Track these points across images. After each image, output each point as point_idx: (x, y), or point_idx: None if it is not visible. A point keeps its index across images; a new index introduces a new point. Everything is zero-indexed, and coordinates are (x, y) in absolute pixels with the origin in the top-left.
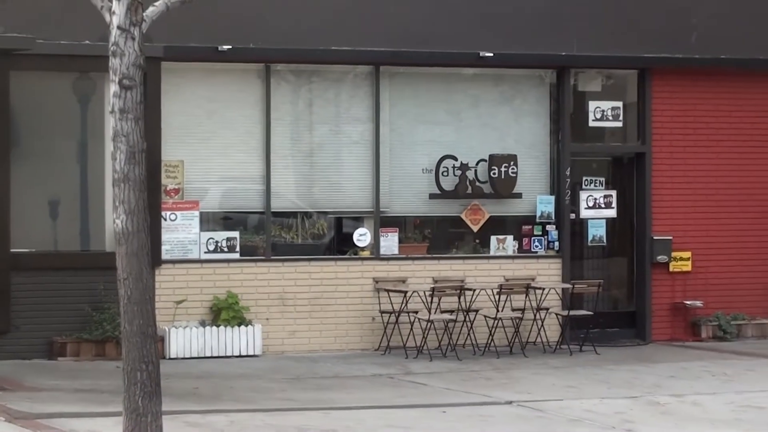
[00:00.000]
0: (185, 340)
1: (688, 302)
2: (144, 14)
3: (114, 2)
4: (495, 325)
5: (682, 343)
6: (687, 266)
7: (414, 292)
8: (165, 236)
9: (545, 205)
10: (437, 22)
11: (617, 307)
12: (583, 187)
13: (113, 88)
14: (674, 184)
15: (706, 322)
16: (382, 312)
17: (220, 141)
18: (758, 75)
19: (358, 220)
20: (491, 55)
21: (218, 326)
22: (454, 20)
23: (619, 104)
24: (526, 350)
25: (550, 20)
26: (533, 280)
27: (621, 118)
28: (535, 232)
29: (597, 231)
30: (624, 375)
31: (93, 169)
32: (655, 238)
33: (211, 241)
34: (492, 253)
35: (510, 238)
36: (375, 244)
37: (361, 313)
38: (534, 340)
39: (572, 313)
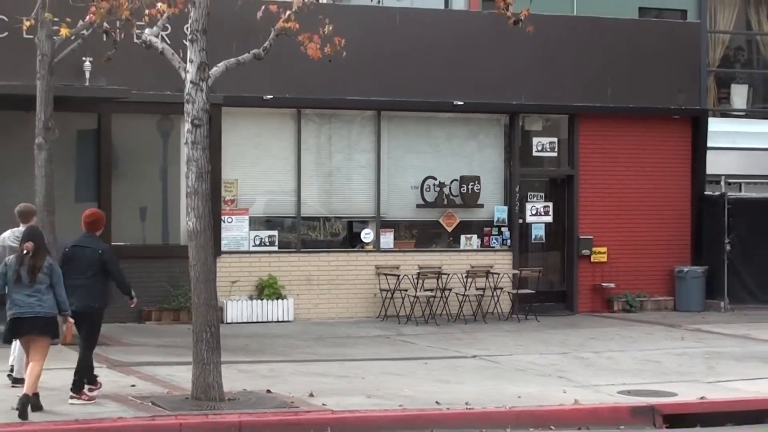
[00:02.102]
0: (238, 309)
1: (604, 284)
2: (209, 72)
3: (188, 64)
4: (463, 300)
5: (599, 314)
6: (604, 257)
7: (404, 275)
8: (224, 234)
9: (500, 212)
10: (422, 79)
11: (553, 287)
12: (528, 199)
13: (187, 126)
14: (595, 197)
15: (618, 298)
16: (381, 290)
17: (264, 165)
18: (654, 119)
19: (364, 222)
20: (462, 103)
21: (262, 299)
22: (435, 78)
23: (555, 139)
24: (486, 318)
25: (504, 78)
26: (491, 267)
27: (556, 149)
28: (493, 233)
29: (538, 232)
30: (557, 337)
31: (171, 185)
32: (580, 237)
33: (257, 237)
34: (461, 247)
35: (475, 236)
36: (376, 241)
37: (366, 291)
38: (492, 311)
39: (520, 291)
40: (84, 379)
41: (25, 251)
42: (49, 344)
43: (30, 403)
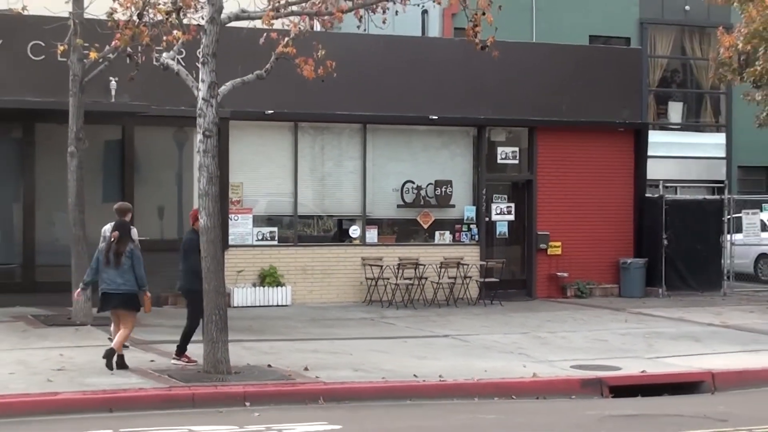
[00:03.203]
0: (243, 295)
1: (558, 273)
2: (218, 90)
3: (200, 83)
4: (437, 287)
5: (555, 299)
6: (558, 251)
7: (387, 266)
8: (231, 230)
9: (470, 212)
10: (402, 97)
11: (514, 276)
12: (493, 201)
13: (199, 137)
14: (551, 199)
15: (570, 286)
16: (366, 278)
17: (265, 170)
18: (602, 131)
19: (352, 220)
20: (436, 117)
21: (264, 287)
22: (413, 96)
23: (517, 149)
24: (457, 303)
25: (473, 96)
26: (462, 259)
27: (517, 157)
28: (463, 229)
29: (502, 228)
30: (518, 319)
31: (185, 188)
32: (538, 233)
33: (259, 233)
34: (436, 242)
35: (447, 232)
36: (362, 236)
37: (354, 279)
38: (462, 297)
39: (486, 279)
40: (185, 345)
41: (112, 239)
42: (134, 315)
43: (113, 357)
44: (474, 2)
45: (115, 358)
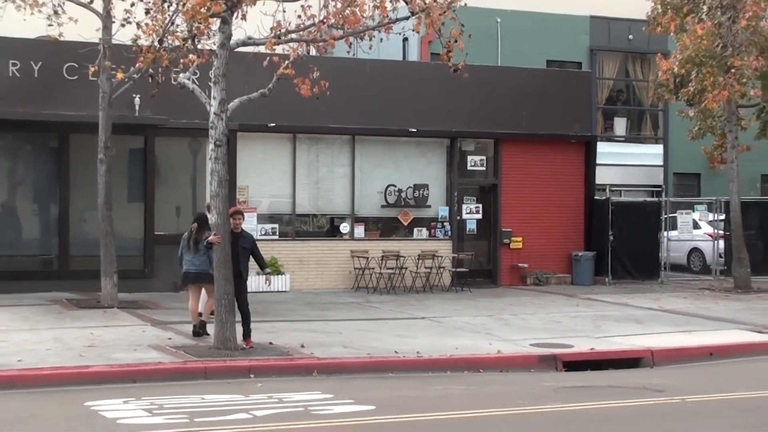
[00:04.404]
0: (248, 281)
1: (519, 264)
2: (228, 106)
3: (212, 100)
4: (415, 276)
5: (516, 287)
6: (520, 245)
7: (372, 257)
8: None
9: (443, 211)
10: (386, 112)
11: (482, 266)
12: (464, 202)
13: (211, 146)
14: (514, 200)
15: (530, 275)
16: (354, 268)
17: (268, 175)
18: (557, 142)
19: (342, 218)
20: (415, 130)
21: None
22: (395, 112)
23: (484, 157)
24: (432, 290)
25: (447, 112)
26: (436, 252)
27: (484, 165)
28: (438, 226)
29: (471, 225)
30: (485, 303)
31: (199, 190)
32: (502, 230)
33: (262, 229)
34: (414, 237)
35: (424, 229)
36: (351, 232)
37: (344, 269)
38: (437, 284)
39: (457, 269)
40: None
41: (192, 229)
42: (209, 287)
43: (200, 325)
44: (447, 31)
45: (197, 323)
